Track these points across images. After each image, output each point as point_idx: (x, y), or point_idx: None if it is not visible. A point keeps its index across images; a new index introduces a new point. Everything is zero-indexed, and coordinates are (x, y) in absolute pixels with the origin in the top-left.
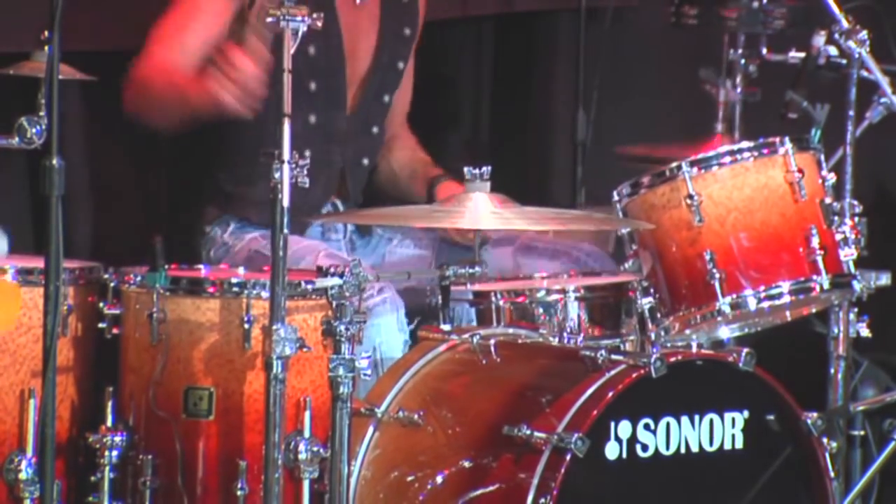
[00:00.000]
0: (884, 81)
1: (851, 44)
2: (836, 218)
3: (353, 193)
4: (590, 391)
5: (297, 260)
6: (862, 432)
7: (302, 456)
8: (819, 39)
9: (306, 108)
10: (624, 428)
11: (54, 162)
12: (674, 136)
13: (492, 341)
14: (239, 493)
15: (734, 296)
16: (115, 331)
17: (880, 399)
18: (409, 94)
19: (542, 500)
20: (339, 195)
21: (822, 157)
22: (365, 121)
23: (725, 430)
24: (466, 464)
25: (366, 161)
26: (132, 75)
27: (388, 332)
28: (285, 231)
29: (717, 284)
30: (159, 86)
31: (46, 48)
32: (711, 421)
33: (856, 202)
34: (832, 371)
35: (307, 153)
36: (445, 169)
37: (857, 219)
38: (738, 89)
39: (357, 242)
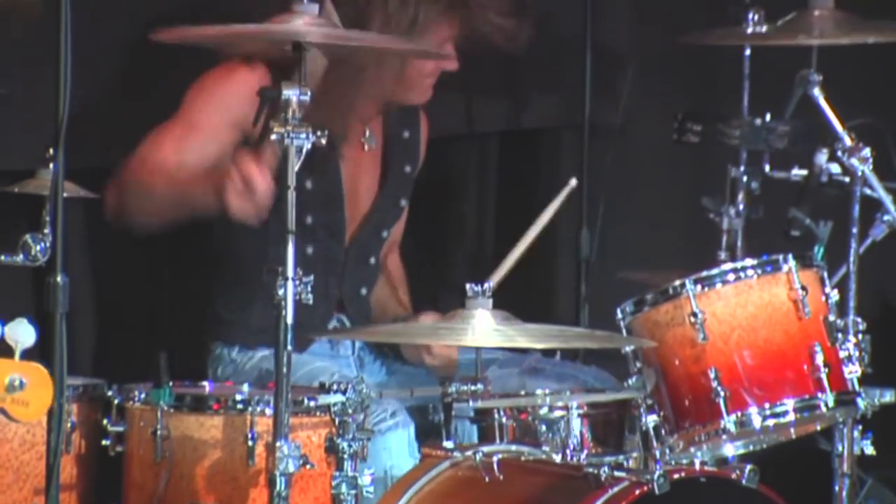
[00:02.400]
0: (887, 199)
1: (854, 161)
2: (839, 335)
3: (354, 322)
4: None
5: (309, 381)
6: None
7: None
8: (821, 157)
9: (303, 239)
10: None
11: (58, 279)
12: (677, 256)
13: (495, 458)
14: None
15: (739, 413)
16: (118, 448)
17: None
18: (402, 223)
19: None
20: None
21: (826, 275)
22: (362, 253)
23: None
24: None
25: (364, 291)
26: (122, 175)
27: (398, 454)
28: (289, 348)
29: (721, 402)
30: (160, 185)
31: (51, 165)
32: None
33: (859, 319)
34: (836, 488)
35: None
36: (449, 284)
37: (860, 336)
38: (741, 217)
39: (366, 359)
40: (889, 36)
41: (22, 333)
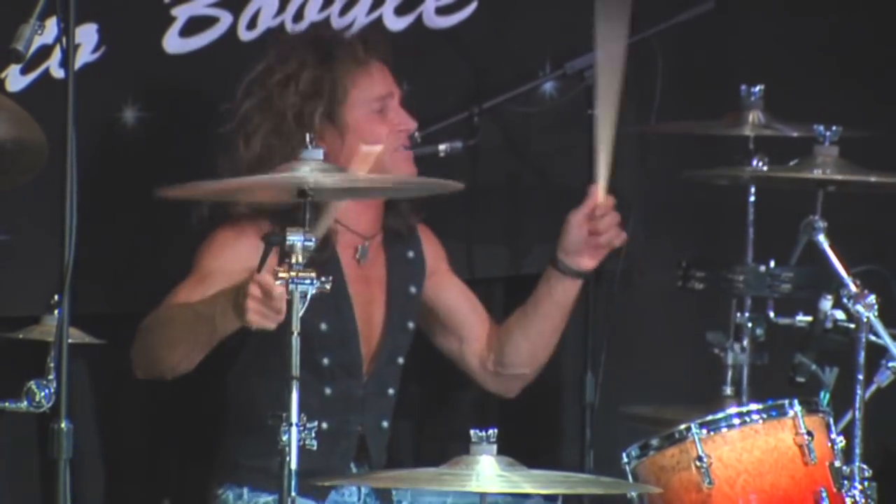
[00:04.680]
0: (892, 345)
1: (859, 307)
2: (845, 481)
3: (374, 458)
4: None
5: None
6: None
7: None
8: (826, 303)
9: (320, 381)
10: None
11: (63, 425)
12: (681, 398)
13: None
14: None
15: None
16: None
17: None
18: (466, 300)
19: None
20: (358, 460)
21: (832, 420)
22: (380, 384)
23: None
24: None
25: (385, 423)
26: (142, 326)
27: None
28: (293, 494)
29: None
30: (177, 314)
31: (56, 312)
32: None
33: (865, 466)
34: None
35: (325, 424)
36: (455, 430)
37: (866, 483)
38: (746, 352)
39: None
40: (892, 178)
41: None
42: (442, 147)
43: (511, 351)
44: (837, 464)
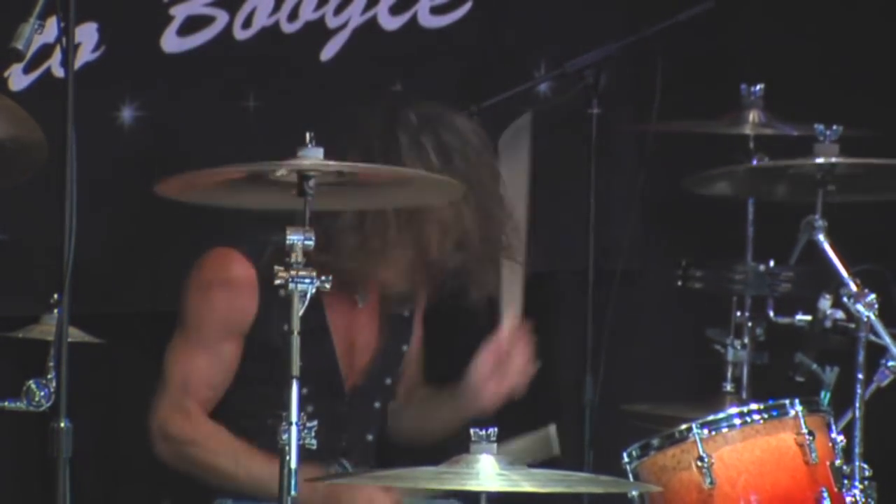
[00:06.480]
0: (892, 345)
1: (859, 307)
2: (846, 481)
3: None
4: None
5: None
6: None
7: None
8: (825, 302)
9: (301, 404)
10: None
11: (62, 425)
12: (682, 398)
13: None
14: None
15: None
16: None
17: None
18: (416, 343)
19: None
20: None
21: (832, 420)
22: (365, 399)
23: None
24: None
25: (370, 437)
26: (174, 435)
27: None
28: (293, 493)
29: None
30: (223, 461)
31: (55, 311)
32: None
33: (865, 465)
34: None
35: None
36: (454, 431)
37: (866, 482)
38: (746, 349)
39: None
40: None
41: None
42: None
43: (398, 424)
44: (838, 463)
